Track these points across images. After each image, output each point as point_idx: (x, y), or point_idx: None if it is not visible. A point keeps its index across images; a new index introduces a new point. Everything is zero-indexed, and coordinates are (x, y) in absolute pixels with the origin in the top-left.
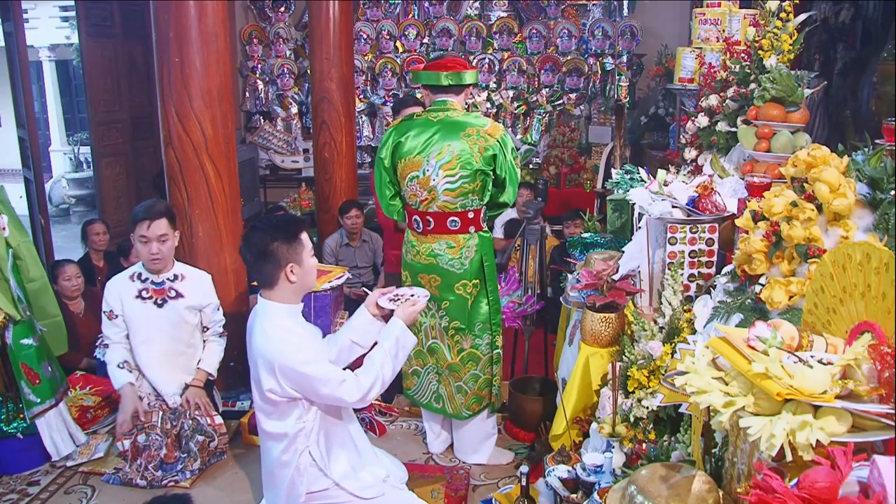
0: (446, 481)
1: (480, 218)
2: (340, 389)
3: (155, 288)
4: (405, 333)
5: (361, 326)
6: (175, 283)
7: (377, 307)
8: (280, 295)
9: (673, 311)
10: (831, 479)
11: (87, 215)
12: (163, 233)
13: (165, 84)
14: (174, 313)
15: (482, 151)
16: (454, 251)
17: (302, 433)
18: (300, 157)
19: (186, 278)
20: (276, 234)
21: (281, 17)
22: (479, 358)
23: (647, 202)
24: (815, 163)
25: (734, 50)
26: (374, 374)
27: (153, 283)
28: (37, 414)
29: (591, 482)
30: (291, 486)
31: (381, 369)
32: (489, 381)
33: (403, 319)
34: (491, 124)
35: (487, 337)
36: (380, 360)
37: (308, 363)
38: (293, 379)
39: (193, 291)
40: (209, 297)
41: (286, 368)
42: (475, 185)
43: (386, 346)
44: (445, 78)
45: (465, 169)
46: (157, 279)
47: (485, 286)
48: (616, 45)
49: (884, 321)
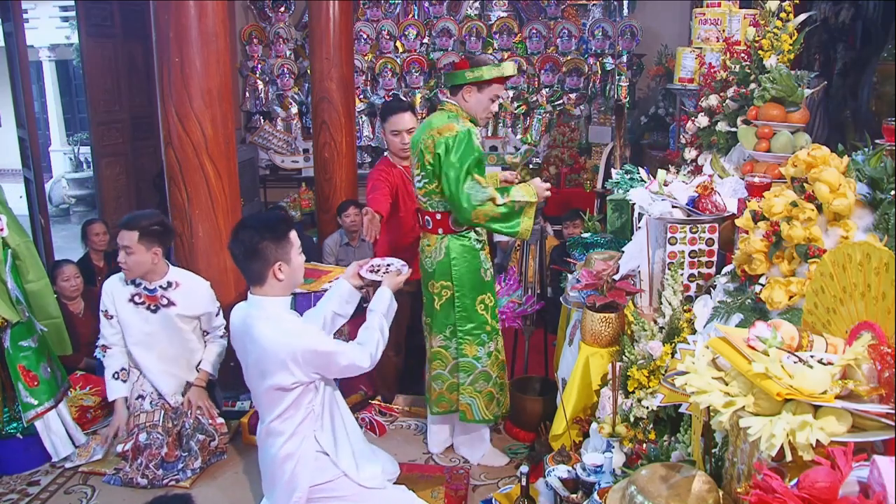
0: (446, 481)
1: (450, 221)
2: (356, 356)
3: (148, 294)
4: (393, 301)
5: (343, 297)
6: (168, 291)
7: (359, 278)
8: (271, 291)
9: (673, 311)
10: (831, 479)
11: (87, 215)
12: (126, 244)
13: (165, 84)
14: (168, 319)
15: (432, 151)
16: (429, 249)
17: (310, 417)
18: (300, 157)
19: (181, 286)
20: (264, 233)
21: (281, 17)
22: (446, 360)
23: (647, 202)
24: (815, 163)
25: (734, 50)
26: (375, 339)
27: (146, 290)
28: (34, 417)
29: (591, 482)
30: (292, 479)
31: (382, 332)
32: (454, 387)
33: (391, 288)
34: (446, 124)
35: (455, 343)
36: (378, 325)
37: (323, 342)
38: (313, 362)
39: (186, 300)
40: (204, 306)
41: (307, 353)
42: (435, 186)
43: (379, 310)
44: (445, 79)
45: (424, 169)
46: (150, 286)
47: (454, 293)
48: (616, 45)
49: (884, 321)
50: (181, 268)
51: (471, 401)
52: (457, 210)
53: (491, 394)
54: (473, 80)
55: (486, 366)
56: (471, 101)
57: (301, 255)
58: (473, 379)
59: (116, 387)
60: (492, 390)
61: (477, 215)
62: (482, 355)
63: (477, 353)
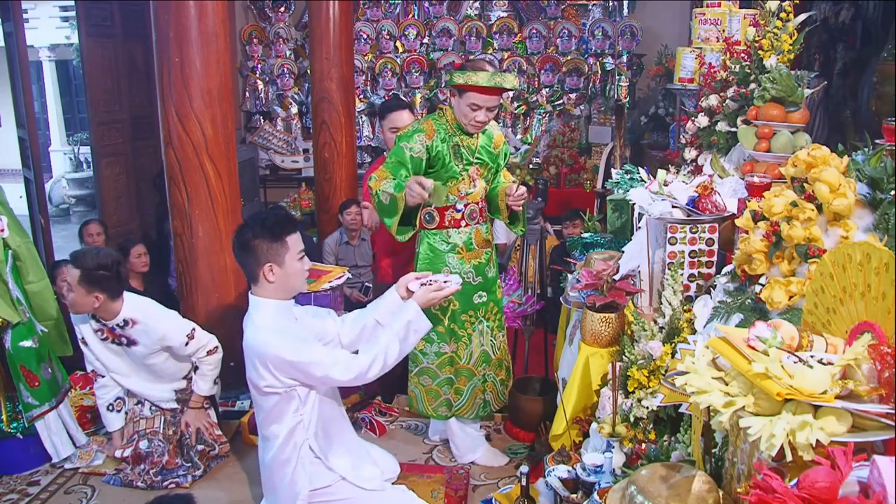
0: (446, 481)
1: (422, 217)
2: (333, 370)
3: (109, 329)
4: (419, 317)
5: (388, 307)
6: (125, 329)
7: (407, 290)
8: (265, 291)
9: (673, 311)
10: (831, 479)
11: (87, 215)
12: (68, 281)
13: (165, 84)
14: (134, 354)
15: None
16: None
17: (300, 426)
18: (300, 157)
19: (137, 324)
20: (258, 231)
21: (281, 17)
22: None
23: (647, 202)
24: (815, 163)
25: (734, 50)
26: (374, 355)
27: (106, 325)
28: (35, 417)
29: (591, 482)
30: (292, 484)
31: (386, 350)
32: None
33: (420, 303)
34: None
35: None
36: (385, 341)
37: (294, 351)
38: (283, 369)
39: (146, 338)
40: (169, 339)
41: (276, 360)
42: None
43: (395, 327)
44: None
45: None
46: (108, 323)
47: None
48: (616, 45)
49: (884, 321)
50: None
51: (415, 390)
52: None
53: (437, 392)
54: (453, 84)
55: (431, 363)
56: (454, 107)
57: (301, 261)
58: (419, 371)
59: (112, 419)
60: (437, 389)
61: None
62: (429, 352)
63: (423, 348)
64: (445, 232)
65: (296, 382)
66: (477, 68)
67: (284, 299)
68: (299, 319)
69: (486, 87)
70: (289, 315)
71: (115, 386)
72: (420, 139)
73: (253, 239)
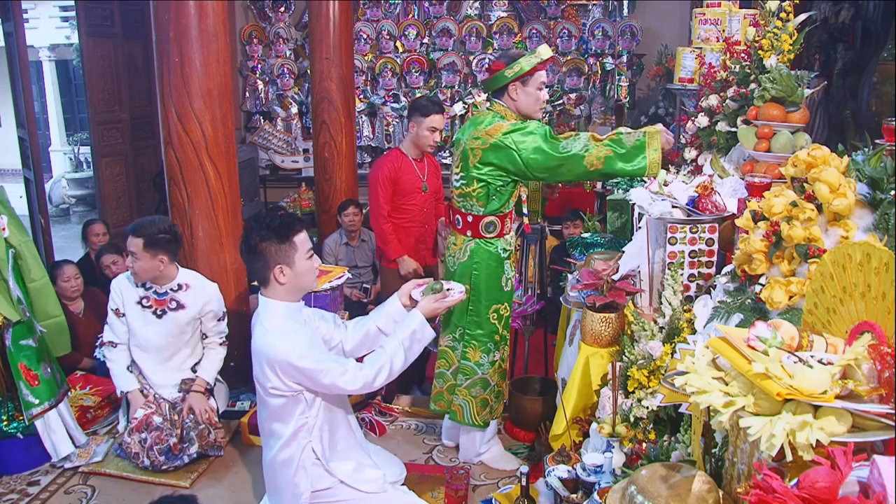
0: (446, 481)
1: (480, 227)
2: (341, 379)
3: (157, 298)
4: (423, 327)
5: (390, 315)
6: (178, 293)
7: (409, 299)
8: (275, 293)
9: (673, 311)
10: (831, 479)
11: (87, 215)
12: (133, 250)
13: (165, 84)
14: (172, 324)
15: (478, 155)
16: (454, 248)
17: (304, 428)
18: (300, 157)
19: (191, 288)
20: (265, 234)
21: (281, 17)
22: (450, 361)
23: (647, 202)
24: (815, 163)
25: (734, 50)
26: (380, 364)
27: (156, 293)
28: (35, 415)
29: (591, 482)
30: (294, 485)
31: (391, 359)
32: (453, 389)
33: (425, 313)
34: (494, 125)
35: (461, 346)
36: (391, 351)
37: (303, 357)
38: (291, 374)
39: (196, 301)
40: (213, 305)
41: (284, 365)
42: (473, 189)
43: (400, 336)
44: (486, 86)
45: (464, 171)
46: (161, 289)
47: (469, 298)
48: (616, 45)
49: (884, 321)
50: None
51: (464, 403)
52: (574, 170)
53: (486, 400)
54: (515, 77)
55: (486, 373)
56: (519, 99)
57: (310, 260)
58: (471, 384)
59: (130, 379)
60: (487, 397)
61: (591, 161)
62: (485, 363)
63: (480, 359)
64: (503, 239)
65: (301, 388)
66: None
67: (295, 300)
68: (308, 322)
69: (546, 60)
70: (298, 318)
71: (128, 353)
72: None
73: (260, 242)
